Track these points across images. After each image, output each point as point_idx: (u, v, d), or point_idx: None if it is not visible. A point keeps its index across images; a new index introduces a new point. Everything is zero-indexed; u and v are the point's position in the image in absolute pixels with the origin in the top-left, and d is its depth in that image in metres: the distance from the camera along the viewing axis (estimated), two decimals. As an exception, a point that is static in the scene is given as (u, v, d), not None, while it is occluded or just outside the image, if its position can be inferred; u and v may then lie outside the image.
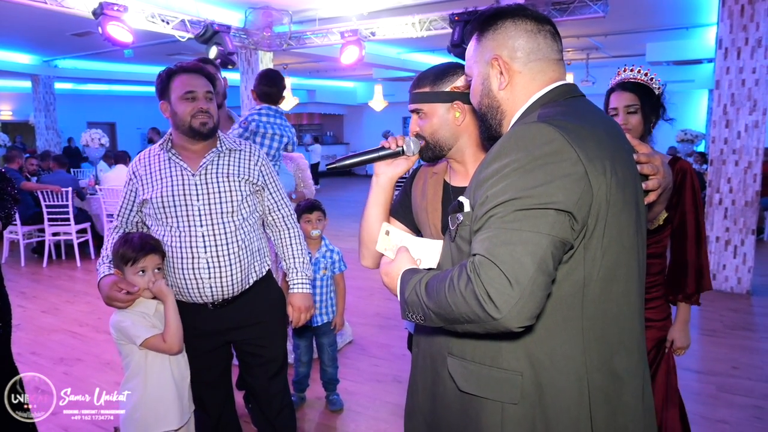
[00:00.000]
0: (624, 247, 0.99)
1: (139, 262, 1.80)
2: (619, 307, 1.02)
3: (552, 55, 1.08)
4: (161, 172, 1.89)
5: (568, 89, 1.08)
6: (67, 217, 6.34)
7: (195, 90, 1.85)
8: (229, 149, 1.96)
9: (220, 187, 1.88)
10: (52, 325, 4.51)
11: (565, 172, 0.90)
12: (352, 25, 6.57)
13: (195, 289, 1.86)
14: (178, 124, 1.87)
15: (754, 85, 5.08)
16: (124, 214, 1.98)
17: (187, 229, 1.84)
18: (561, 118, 0.97)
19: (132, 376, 1.83)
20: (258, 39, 6.90)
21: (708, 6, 6.82)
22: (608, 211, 0.94)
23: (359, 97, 16.72)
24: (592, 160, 0.93)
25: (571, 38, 9.04)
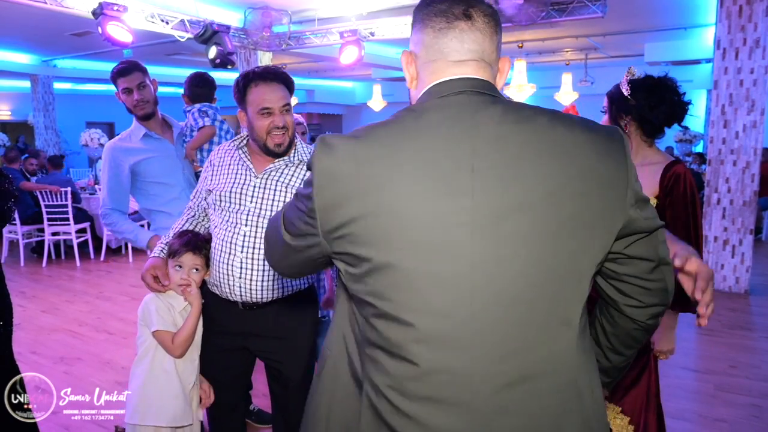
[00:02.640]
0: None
1: (178, 257, 1.88)
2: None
3: (452, 57, 0.95)
4: (229, 167, 1.92)
5: (446, 87, 0.94)
6: (66, 217, 6.34)
7: (271, 106, 1.81)
8: (299, 161, 1.95)
9: (275, 195, 1.87)
10: (52, 324, 4.51)
11: (307, 180, 0.96)
12: (351, 25, 6.58)
13: (226, 285, 1.87)
14: (254, 137, 1.87)
15: (752, 85, 5.11)
16: (197, 196, 2.04)
17: (233, 226, 1.85)
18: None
19: (143, 356, 1.90)
20: (257, 39, 6.91)
21: (706, 6, 6.84)
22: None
23: (358, 97, 16.72)
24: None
25: (570, 38, 9.05)
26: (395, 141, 0.89)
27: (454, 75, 0.94)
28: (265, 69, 1.87)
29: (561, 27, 7.39)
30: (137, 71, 2.54)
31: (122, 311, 4.80)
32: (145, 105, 2.54)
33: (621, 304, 0.98)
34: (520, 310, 0.86)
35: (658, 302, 0.97)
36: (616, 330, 1.04)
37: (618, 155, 0.89)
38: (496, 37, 0.96)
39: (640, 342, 1.05)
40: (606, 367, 1.09)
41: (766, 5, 4.98)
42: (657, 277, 0.95)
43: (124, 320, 4.57)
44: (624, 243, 0.92)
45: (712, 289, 1.08)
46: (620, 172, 0.89)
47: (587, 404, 0.91)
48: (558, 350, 0.88)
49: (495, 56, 0.97)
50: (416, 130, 0.89)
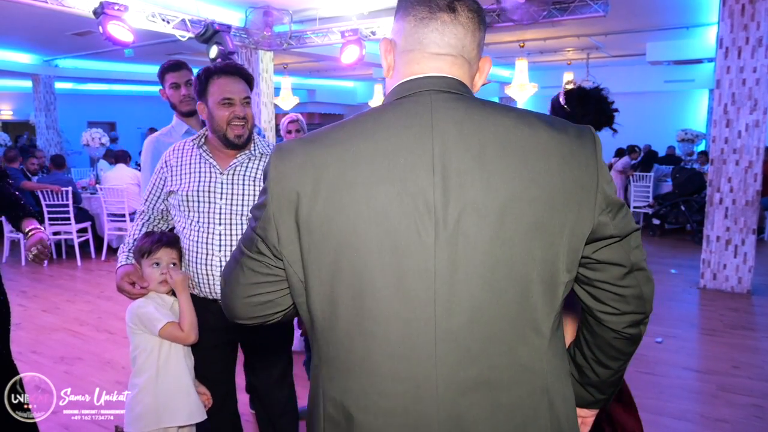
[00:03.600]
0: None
1: (154, 255, 1.86)
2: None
3: (430, 49, 0.91)
4: (191, 167, 1.92)
5: (410, 86, 0.90)
6: (67, 216, 6.34)
7: (232, 96, 1.85)
8: (261, 153, 1.98)
9: (244, 189, 1.90)
10: (53, 324, 4.51)
11: (262, 188, 0.93)
12: (352, 24, 6.57)
13: (206, 284, 1.89)
14: (214, 129, 1.89)
15: (755, 84, 5.08)
16: (151, 200, 2.02)
17: (205, 226, 1.87)
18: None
19: (141, 371, 1.85)
20: (258, 38, 6.90)
21: (708, 5, 6.82)
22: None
23: (359, 97, 16.72)
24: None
25: (572, 38, 9.04)
26: (352, 142, 0.86)
27: (425, 72, 0.91)
28: (227, 64, 1.92)
29: (562, 26, 7.37)
30: (186, 69, 2.67)
31: (123, 311, 4.75)
32: (191, 101, 2.63)
33: (595, 311, 0.95)
34: (484, 315, 0.82)
35: (633, 310, 0.93)
36: (596, 340, 1.00)
37: (586, 157, 0.85)
38: (479, 34, 0.92)
39: (624, 353, 1.00)
40: (595, 381, 1.05)
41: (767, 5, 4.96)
42: (630, 284, 0.91)
43: (124, 320, 4.55)
44: (594, 247, 0.88)
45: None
46: (589, 174, 0.84)
47: (559, 411, 0.88)
48: (526, 357, 0.85)
49: (475, 54, 0.93)
50: (374, 131, 0.86)
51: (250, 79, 1.94)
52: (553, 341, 0.88)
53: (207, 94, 1.87)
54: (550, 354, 0.88)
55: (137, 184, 6.72)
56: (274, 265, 0.92)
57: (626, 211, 0.89)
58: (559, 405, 0.88)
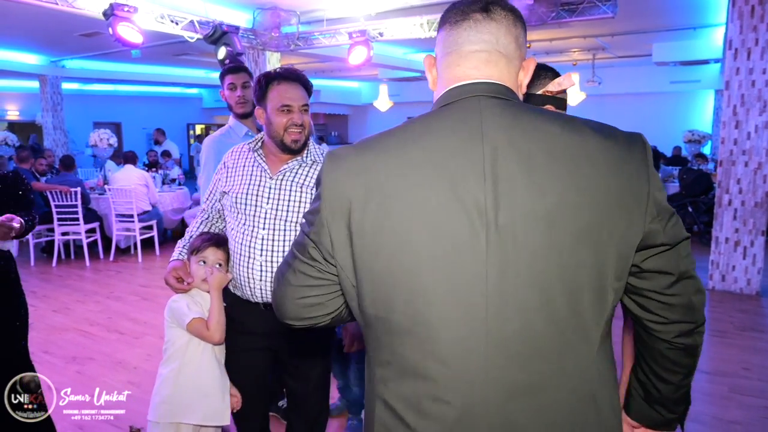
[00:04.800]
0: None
1: (201, 253, 1.92)
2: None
3: (465, 48, 0.92)
4: (244, 169, 1.94)
5: (458, 92, 0.92)
6: (76, 217, 6.37)
7: (292, 103, 1.85)
8: (312, 161, 1.97)
9: (291, 195, 1.89)
10: (64, 324, 4.53)
11: (316, 194, 0.95)
12: (359, 25, 6.58)
13: (248, 287, 1.90)
14: (271, 134, 1.89)
15: (765, 85, 5.07)
16: (210, 199, 2.07)
17: (250, 229, 1.87)
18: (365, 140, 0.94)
19: (169, 361, 1.91)
20: (266, 40, 6.92)
21: (716, 6, 6.81)
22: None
23: (364, 97, 16.73)
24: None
25: (578, 38, 9.03)
26: (403, 148, 0.87)
27: (466, 72, 0.92)
28: (287, 69, 1.92)
29: (569, 27, 7.37)
30: (245, 72, 2.75)
31: (133, 311, 4.82)
32: (245, 103, 2.70)
33: (645, 320, 0.94)
34: (534, 321, 0.83)
35: (681, 319, 0.92)
36: (649, 351, 0.99)
37: (637, 163, 0.84)
38: (514, 30, 0.93)
39: (681, 366, 0.98)
40: (658, 398, 1.04)
41: (778, 5, 4.95)
42: (678, 292, 0.90)
43: (135, 320, 4.58)
44: (643, 256, 0.88)
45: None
46: (640, 181, 0.84)
47: (607, 419, 0.88)
48: (574, 363, 0.85)
49: (514, 49, 0.93)
50: (424, 137, 0.87)
51: (310, 86, 1.93)
52: (602, 349, 0.88)
53: (266, 99, 1.87)
54: (599, 361, 0.88)
55: (145, 184, 6.75)
56: (325, 269, 0.94)
57: (677, 219, 0.88)
58: (607, 413, 0.88)
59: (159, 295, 5.18)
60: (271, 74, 1.88)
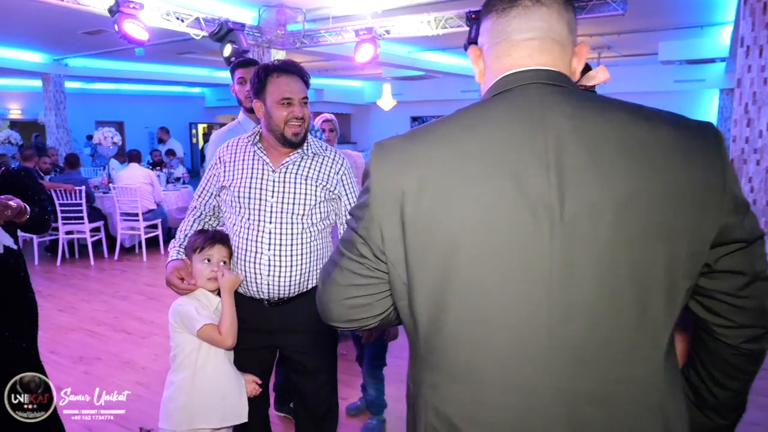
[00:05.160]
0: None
1: (206, 251, 1.86)
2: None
3: (515, 36, 0.88)
4: (244, 163, 1.91)
5: (512, 79, 0.87)
6: (80, 215, 6.32)
7: (292, 96, 1.83)
8: (314, 153, 1.95)
9: (296, 188, 1.88)
10: (70, 323, 4.49)
11: (363, 188, 0.90)
12: (366, 23, 6.53)
13: (253, 283, 1.88)
14: (271, 128, 1.87)
15: (776, 83, 5.02)
16: (203, 196, 2.03)
17: (256, 224, 1.85)
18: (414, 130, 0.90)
19: (179, 369, 1.84)
20: (271, 37, 6.88)
21: (724, 4, 6.76)
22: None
23: (367, 96, 16.68)
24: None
25: (584, 37, 8.97)
26: (459, 137, 0.83)
27: (521, 65, 0.88)
28: (285, 62, 1.90)
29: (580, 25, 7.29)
30: (255, 66, 2.67)
31: (139, 310, 4.77)
32: None
33: (710, 324, 0.88)
34: (601, 321, 0.78)
35: (752, 323, 0.86)
36: (711, 356, 0.92)
37: (711, 153, 0.79)
38: (566, 15, 0.88)
39: (744, 372, 0.92)
40: (713, 404, 0.98)
41: (790, 2, 4.89)
42: (750, 294, 0.83)
43: (141, 319, 4.54)
44: (717, 253, 0.81)
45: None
46: (714, 172, 0.78)
47: (674, 430, 0.83)
48: (642, 370, 0.80)
49: (566, 35, 0.89)
50: (481, 126, 0.83)
51: (308, 79, 1.93)
52: (669, 355, 0.83)
53: (265, 92, 1.85)
54: (667, 369, 0.82)
55: (150, 183, 6.71)
56: (375, 267, 0.89)
57: (752, 214, 0.83)
58: (674, 424, 0.83)
59: (164, 295, 5.13)
60: (269, 67, 1.86)
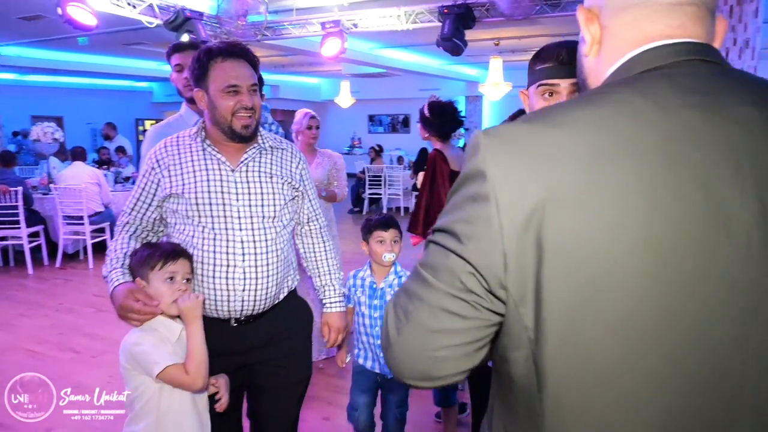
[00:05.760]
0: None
1: (168, 267, 1.54)
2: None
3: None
4: (195, 164, 1.66)
5: (666, 53, 0.67)
6: (16, 219, 5.73)
7: (239, 83, 1.60)
8: (271, 147, 1.75)
9: (263, 188, 1.68)
10: (6, 342, 3.99)
11: (469, 195, 0.65)
12: (333, 15, 6.24)
13: (223, 301, 1.64)
14: (217, 120, 1.64)
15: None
16: (139, 209, 1.71)
17: (224, 232, 1.63)
18: (543, 116, 0.66)
19: (139, 418, 1.52)
20: (232, 28, 6.47)
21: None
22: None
23: (324, 94, 16.31)
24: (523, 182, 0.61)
25: (547, 37, 8.99)
26: (618, 126, 0.60)
27: (671, 36, 0.67)
28: (230, 44, 1.65)
29: (539, 25, 7.26)
30: (193, 49, 2.26)
31: (88, 325, 4.31)
32: None
33: None
34: None
35: None
36: None
37: None
38: None
39: None
40: None
41: (755, 6, 4.95)
42: None
43: (90, 335, 4.09)
44: None
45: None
46: None
47: None
48: None
49: (714, 5, 0.70)
50: (646, 111, 0.60)
51: (256, 63, 1.69)
52: None
53: (208, 79, 1.61)
54: None
55: (97, 183, 6.18)
56: (485, 306, 0.65)
57: None
58: None
59: (116, 306, 4.69)
60: (212, 50, 1.62)
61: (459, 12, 5.58)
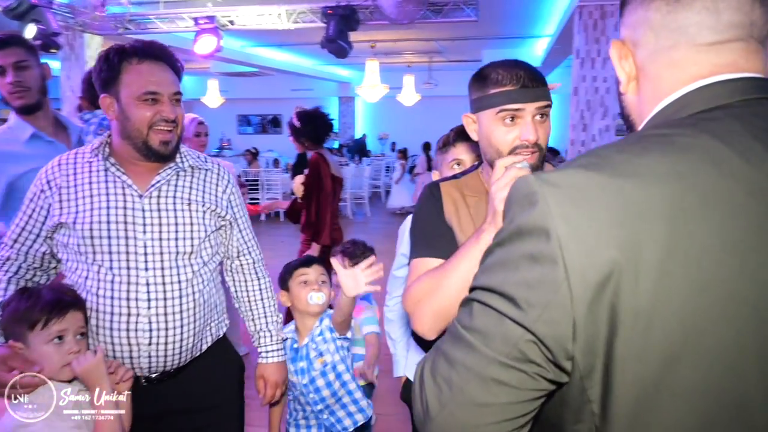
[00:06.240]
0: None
1: (54, 324, 1.21)
2: None
3: (703, 38, 0.63)
4: (93, 188, 1.39)
5: (729, 90, 0.62)
6: None
7: (160, 91, 1.35)
8: (191, 167, 1.48)
9: (177, 217, 1.41)
10: None
11: (527, 253, 0.58)
12: (207, 11, 5.79)
13: (125, 358, 1.36)
14: (129, 134, 1.37)
15: (606, 92, 5.60)
16: (24, 240, 1.40)
17: (125, 273, 1.36)
18: (598, 160, 0.59)
19: None
20: (87, 19, 5.72)
21: (545, 19, 7.41)
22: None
23: (188, 93, 14.91)
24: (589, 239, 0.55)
25: (419, 41, 9.24)
26: (694, 180, 0.54)
27: (717, 73, 0.61)
28: (149, 44, 1.41)
29: (415, 29, 7.41)
30: (17, 46, 1.88)
31: None
32: (24, 92, 1.88)
33: None
34: None
35: None
36: None
37: None
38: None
39: None
40: None
41: (615, 21, 5.48)
42: None
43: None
44: None
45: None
46: None
47: None
48: None
49: (767, 31, 0.64)
50: (724, 163, 0.55)
51: (180, 70, 1.46)
52: None
53: (119, 84, 1.36)
54: None
55: None
56: (548, 378, 0.58)
57: None
58: None
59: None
60: (126, 49, 1.37)
61: (343, 13, 5.46)
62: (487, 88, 1.15)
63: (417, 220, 1.33)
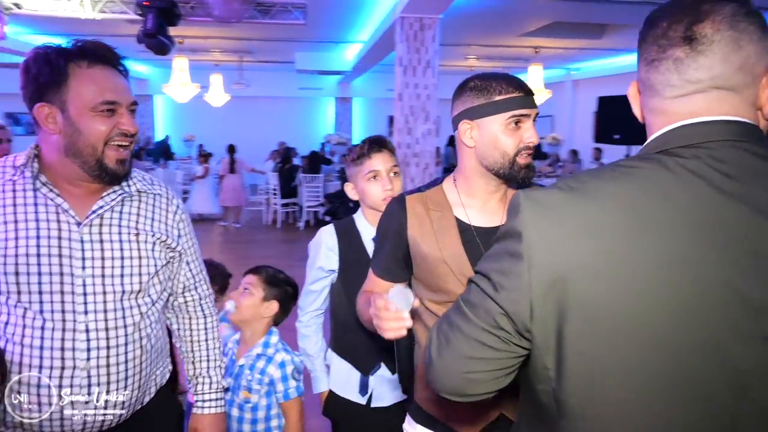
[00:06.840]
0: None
1: None
2: None
3: (667, 93, 0.77)
4: (19, 214, 1.16)
5: (700, 132, 0.74)
6: None
7: (118, 101, 1.16)
8: (139, 191, 1.28)
9: (123, 250, 1.22)
10: None
11: (507, 249, 0.77)
12: (-17, -11, 4.78)
13: (55, 419, 1.15)
14: (78, 150, 1.15)
15: (427, 99, 6.05)
16: None
17: (58, 317, 1.16)
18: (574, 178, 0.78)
19: None
20: None
21: (361, 25, 7.71)
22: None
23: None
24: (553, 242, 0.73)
25: (231, 40, 8.86)
26: (642, 204, 0.70)
27: (678, 120, 0.76)
28: (97, 45, 1.21)
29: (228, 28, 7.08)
30: None
31: None
32: None
33: None
34: None
35: None
36: None
37: None
38: (738, 54, 0.72)
39: None
40: None
41: (432, 33, 5.96)
42: None
43: None
44: None
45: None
46: None
47: None
48: None
49: (743, 76, 0.73)
50: (674, 193, 0.70)
51: (128, 74, 1.25)
52: None
53: (66, 91, 1.14)
54: None
55: None
56: (515, 342, 0.78)
57: None
58: None
59: None
60: (70, 50, 1.17)
61: (161, 6, 4.99)
62: (492, 95, 1.21)
63: (380, 232, 1.39)
